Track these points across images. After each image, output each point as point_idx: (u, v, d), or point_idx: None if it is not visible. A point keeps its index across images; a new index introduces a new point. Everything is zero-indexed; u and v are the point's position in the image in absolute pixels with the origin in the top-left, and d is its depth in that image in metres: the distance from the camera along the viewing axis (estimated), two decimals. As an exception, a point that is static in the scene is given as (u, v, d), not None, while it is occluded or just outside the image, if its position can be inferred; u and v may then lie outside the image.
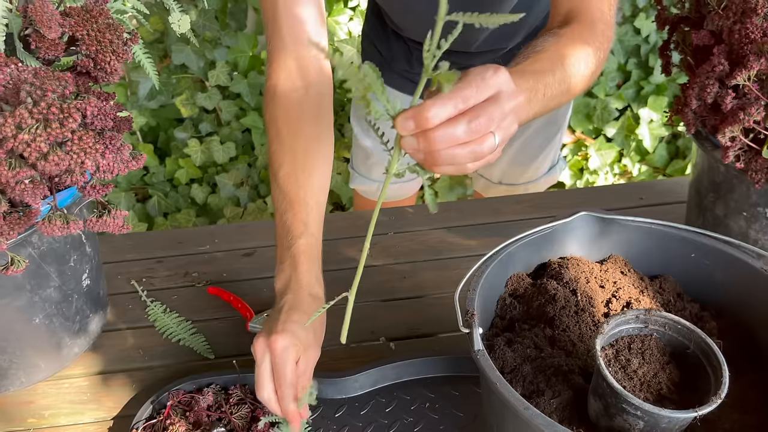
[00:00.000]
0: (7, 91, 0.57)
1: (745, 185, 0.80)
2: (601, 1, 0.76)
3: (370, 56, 1.27)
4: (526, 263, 0.73)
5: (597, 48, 0.72)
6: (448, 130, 0.50)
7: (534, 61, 0.66)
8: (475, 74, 0.51)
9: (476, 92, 0.50)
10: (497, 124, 0.51)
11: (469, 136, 0.49)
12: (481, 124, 0.50)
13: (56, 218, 0.63)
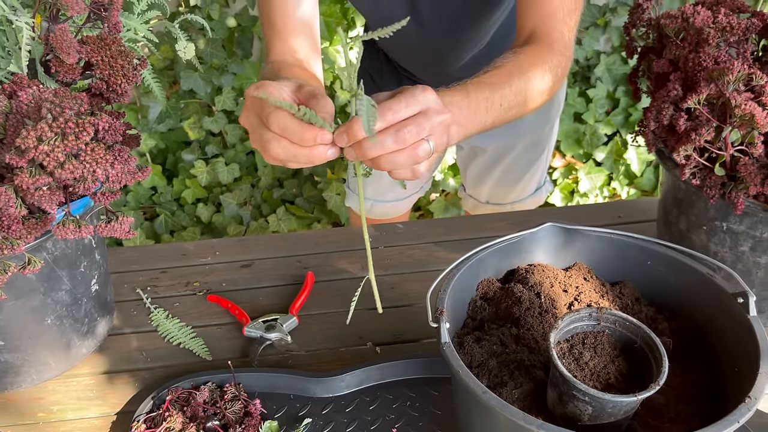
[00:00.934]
0: (30, 109, 0.65)
1: (703, 201, 0.86)
2: (561, 24, 0.84)
3: (365, 82, 1.36)
4: (496, 269, 0.79)
5: (554, 65, 0.80)
6: (378, 140, 0.58)
7: (492, 74, 0.74)
8: (405, 92, 0.60)
9: (405, 107, 0.58)
10: (428, 132, 0.59)
11: (399, 144, 0.57)
12: (411, 132, 0.58)
13: (69, 223, 0.70)
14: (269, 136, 0.62)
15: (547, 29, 0.84)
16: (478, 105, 0.71)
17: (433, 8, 1.04)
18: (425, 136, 0.59)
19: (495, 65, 0.77)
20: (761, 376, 0.59)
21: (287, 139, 0.62)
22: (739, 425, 0.55)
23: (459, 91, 0.72)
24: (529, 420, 0.56)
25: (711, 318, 0.71)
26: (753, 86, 0.77)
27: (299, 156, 0.63)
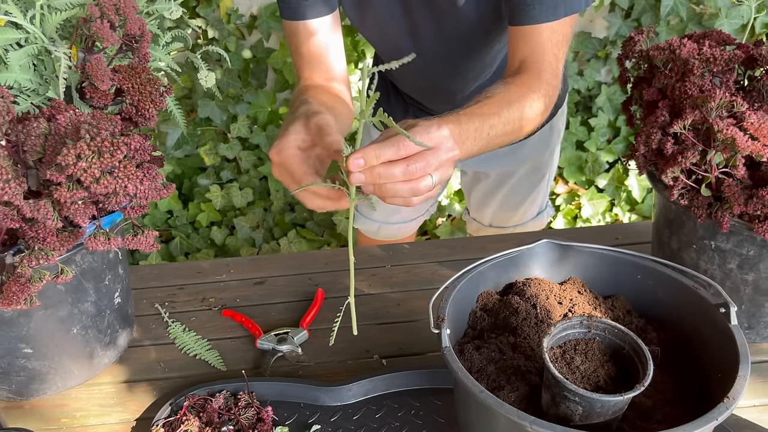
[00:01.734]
0: (68, 130, 0.72)
1: (692, 221, 0.91)
2: (550, 55, 0.91)
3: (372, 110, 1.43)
4: (495, 282, 0.84)
5: (543, 94, 0.86)
6: (389, 169, 0.66)
7: (483, 105, 0.80)
8: (421, 127, 0.67)
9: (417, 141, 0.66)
10: (434, 169, 0.66)
11: (406, 176, 0.65)
12: (419, 168, 0.65)
13: (100, 235, 0.76)
14: (302, 195, 0.76)
15: (536, 59, 0.90)
16: (467, 135, 0.77)
17: (433, 37, 1.11)
18: (431, 172, 0.67)
19: (486, 95, 0.83)
20: (739, 379, 0.64)
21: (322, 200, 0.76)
22: (718, 422, 0.60)
23: (450, 121, 0.77)
24: (522, 416, 0.60)
25: (696, 328, 0.75)
26: (735, 113, 0.83)
27: (329, 206, 0.76)
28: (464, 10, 1.02)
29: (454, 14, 1.04)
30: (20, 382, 0.93)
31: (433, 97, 1.28)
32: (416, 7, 1.07)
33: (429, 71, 1.18)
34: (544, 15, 0.92)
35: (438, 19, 1.08)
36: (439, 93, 1.25)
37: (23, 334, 0.88)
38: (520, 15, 0.93)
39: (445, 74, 1.18)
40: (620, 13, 2.14)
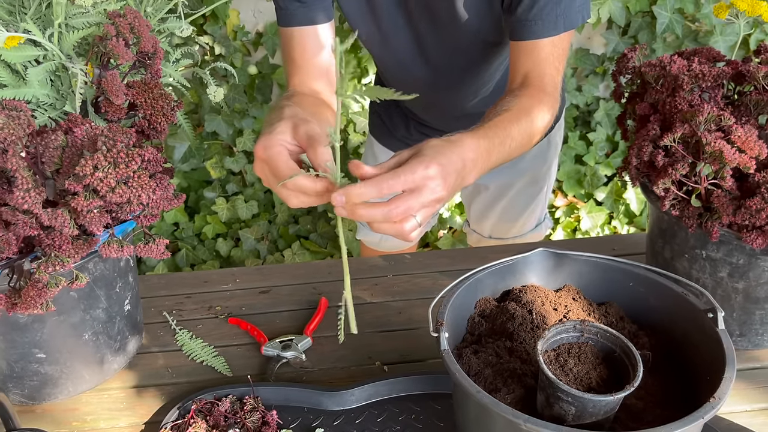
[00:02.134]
0: (85, 142, 0.76)
1: (683, 231, 0.94)
2: (552, 68, 0.95)
3: (376, 125, 1.47)
4: (493, 289, 0.87)
5: (549, 106, 0.91)
6: (369, 211, 0.68)
7: (503, 117, 0.84)
8: (407, 168, 0.68)
9: (401, 184, 0.68)
10: (416, 210, 0.68)
11: (387, 219, 0.67)
12: (399, 212, 0.67)
13: (114, 243, 0.79)
14: (286, 193, 0.73)
15: (539, 73, 0.94)
16: (493, 148, 0.81)
17: (436, 50, 1.15)
18: (413, 213, 0.69)
19: (503, 108, 0.87)
20: (725, 381, 0.67)
21: (306, 197, 0.73)
22: (704, 420, 0.62)
23: (472, 135, 0.80)
24: (517, 415, 0.63)
25: (686, 333, 0.78)
26: (722, 126, 0.86)
27: (314, 202, 0.74)
28: (465, 23, 1.06)
29: (455, 27, 1.08)
30: (33, 386, 0.96)
31: (434, 111, 1.32)
32: (420, 20, 1.11)
33: (431, 84, 1.22)
34: (545, 30, 0.96)
35: (440, 32, 1.11)
36: (440, 107, 1.29)
37: (37, 339, 0.91)
38: (522, 30, 0.97)
39: (447, 88, 1.22)
40: (617, 31, 2.19)
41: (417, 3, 1.08)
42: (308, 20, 1.05)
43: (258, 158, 0.76)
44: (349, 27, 1.30)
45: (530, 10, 0.95)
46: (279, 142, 0.75)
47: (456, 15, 1.05)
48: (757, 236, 0.84)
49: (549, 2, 0.94)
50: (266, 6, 2.21)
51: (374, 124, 1.48)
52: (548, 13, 0.95)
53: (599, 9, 2.07)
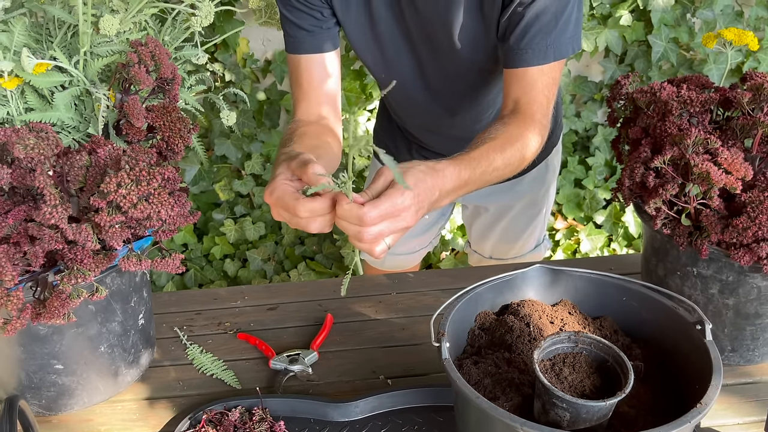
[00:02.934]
0: (108, 162, 0.81)
1: (675, 249, 0.98)
2: (541, 96, 1.01)
3: (379, 145, 1.52)
4: (492, 303, 0.91)
5: (537, 133, 0.96)
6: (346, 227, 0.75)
7: (488, 147, 0.89)
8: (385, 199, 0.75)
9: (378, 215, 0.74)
10: (387, 235, 0.75)
11: (358, 240, 0.74)
12: (371, 236, 0.75)
13: (132, 257, 0.84)
14: (304, 222, 0.79)
15: (529, 100, 0.99)
16: (472, 178, 0.87)
17: (436, 75, 1.20)
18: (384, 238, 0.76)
19: (490, 136, 0.92)
20: (712, 388, 0.70)
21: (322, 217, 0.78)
22: (691, 425, 0.66)
23: (455, 165, 0.86)
24: (514, 419, 0.67)
25: (676, 344, 0.82)
26: (710, 149, 0.91)
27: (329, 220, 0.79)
28: (463, 51, 1.12)
29: (454, 55, 1.13)
30: (50, 396, 1.00)
31: (435, 135, 1.37)
32: (421, 48, 1.17)
33: (433, 109, 1.27)
34: (534, 59, 1.01)
35: (440, 59, 1.17)
36: (442, 132, 1.34)
37: (56, 350, 0.95)
38: (513, 58, 1.03)
39: (448, 112, 1.27)
40: (614, 59, 2.25)
41: (418, 32, 1.14)
42: (315, 48, 1.11)
43: (271, 205, 0.82)
44: (354, 54, 1.36)
45: (521, 39, 1.00)
46: (281, 182, 0.81)
47: (454, 43, 1.10)
48: (745, 254, 0.88)
49: (539, 33, 1.00)
50: (274, 35, 2.29)
51: (379, 146, 1.53)
52: (538, 42, 1.00)
53: (596, 38, 2.14)
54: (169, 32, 1.07)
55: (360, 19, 1.13)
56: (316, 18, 1.09)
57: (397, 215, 0.76)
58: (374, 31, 1.16)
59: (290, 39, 1.13)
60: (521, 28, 1.00)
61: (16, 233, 0.82)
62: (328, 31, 1.11)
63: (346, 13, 1.12)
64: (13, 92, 0.88)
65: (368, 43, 1.17)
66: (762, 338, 1.00)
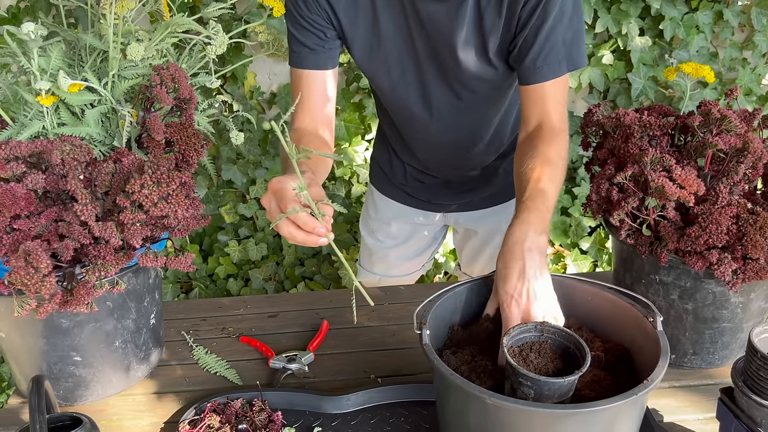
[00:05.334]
0: (132, 169, 0.92)
1: (639, 258, 1.09)
2: (558, 114, 1.13)
3: (376, 175, 1.63)
4: (471, 303, 1.01)
5: (562, 139, 1.09)
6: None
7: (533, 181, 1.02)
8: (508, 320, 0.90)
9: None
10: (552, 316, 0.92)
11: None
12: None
13: (150, 254, 0.94)
14: (282, 221, 0.87)
15: (551, 120, 1.12)
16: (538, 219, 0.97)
17: (441, 96, 1.28)
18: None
19: (528, 167, 1.04)
20: (658, 368, 0.80)
21: (295, 224, 0.88)
22: (637, 397, 0.75)
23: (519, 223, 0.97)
24: (483, 391, 0.76)
25: (633, 337, 0.91)
26: (666, 166, 1.02)
27: (297, 237, 0.88)
28: (465, 68, 1.20)
29: (458, 71, 1.21)
30: (67, 387, 1.09)
31: (434, 159, 1.45)
32: (426, 65, 1.23)
33: (433, 131, 1.35)
34: (551, 73, 1.12)
35: (445, 76, 1.24)
36: (440, 155, 1.42)
37: (75, 343, 1.05)
38: (531, 76, 1.13)
39: (447, 135, 1.34)
40: (598, 95, 2.39)
41: (424, 50, 1.20)
42: (316, 65, 1.21)
43: (270, 190, 0.90)
44: (355, 88, 1.46)
45: (537, 59, 1.11)
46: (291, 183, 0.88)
47: (458, 60, 1.18)
48: (698, 260, 0.99)
49: (552, 51, 1.11)
50: (280, 69, 2.43)
51: (374, 174, 1.64)
52: (552, 59, 1.11)
53: (580, 75, 2.27)
54: (186, 60, 1.19)
55: (367, 38, 1.20)
56: (319, 38, 1.19)
57: (527, 314, 0.89)
58: (381, 50, 1.21)
59: (294, 54, 1.22)
60: (536, 50, 1.11)
61: (47, 232, 0.92)
62: (330, 51, 1.21)
63: (354, 31, 1.19)
64: (49, 109, 1.00)
65: (374, 61, 1.24)
66: (720, 342, 1.09)
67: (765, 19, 2.24)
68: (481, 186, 1.54)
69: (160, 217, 0.88)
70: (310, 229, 0.87)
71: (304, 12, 1.16)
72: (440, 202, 1.60)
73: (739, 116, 1.07)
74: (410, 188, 1.59)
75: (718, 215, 0.96)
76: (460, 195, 1.57)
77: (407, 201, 1.61)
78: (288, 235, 0.88)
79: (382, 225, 1.68)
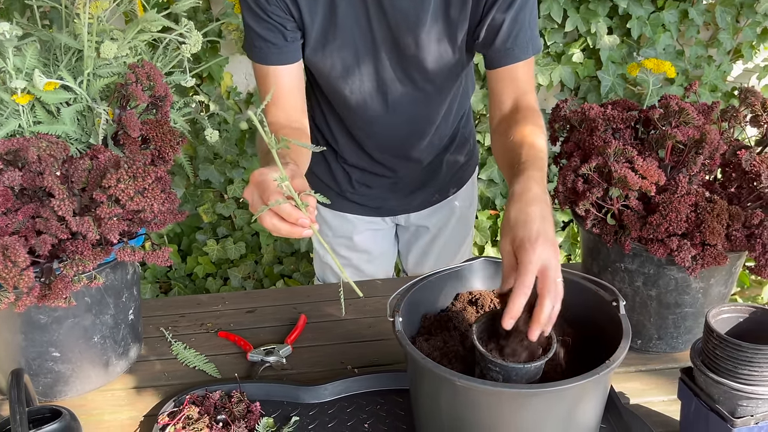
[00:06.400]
0: (108, 164, 0.93)
1: (605, 247, 1.12)
2: (529, 87, 1.16)
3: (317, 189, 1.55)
4: (444, 292, 1.04)
5: (542, 123, 1.11)
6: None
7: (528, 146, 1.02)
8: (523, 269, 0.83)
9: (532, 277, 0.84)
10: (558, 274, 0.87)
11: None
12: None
13: (127, 248, 0.96)
14: (264, 213, 0.86)
15: (527, 99, 1.15)
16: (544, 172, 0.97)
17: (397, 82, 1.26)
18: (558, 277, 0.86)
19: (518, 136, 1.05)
20: (620, 349, 0.83)
21: (278, 216, 0.86)
22: (599, 376, 0.79)
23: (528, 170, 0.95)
24: (453, 374, 0.79)
25: (599, 322, 0.95)
26: (628, 158, 1.06)
27: (281, 229, 0.86)
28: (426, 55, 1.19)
29: (418, 59, 1.20)
30: (47, 383, 1.10)
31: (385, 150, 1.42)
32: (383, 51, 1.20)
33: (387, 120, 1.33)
34: (522, 54, 1.15)
35: (403, 64, 1.22)
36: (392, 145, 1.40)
37: (54, 338, 1.06)
38: (503, 58, 1.15)
39: (401, 125, 1.34)
40: (568, 93, 2.44)
41: (383, 35, 1.18)
42: (281, 61, 1.18)
43: (252, 182, 0.88)
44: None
45: (507, 40, 1.14)
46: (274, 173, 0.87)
47: (420, 46, 1.18)
48: (659, 247, 1.03)
49: (520, 31, 1.13)
50: (257, 70, 2.45)
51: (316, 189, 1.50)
52: (521, 40, 1.14)
53: (551, 73, 2.32)
54: (161, 59, 1.21)
55: (323, 27, 1.15)
56: (281, 33, 1.15)
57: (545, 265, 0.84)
58: (336, 39, 1.16)
59: (256, 49, 1.16)
60: (505, 30, 1.13)
61: (25, 228, 0.94)
62: (293, 44, 1.17)
63: (312, 19, 1.14)
64: (25, 107, 1.01)
65: (328, 51, 1.19)
66: (683, 326, 1.14)
67: (729, 17, 2.31)
68: (428, 182, 1.52)
69: (137, 211, 0.89)
70: (293, 221, 0.85)
71: (263, 4, 1.12)
72: (390, 207, 1.56)
73: (697, 109, 1.12)
74: (358, 196, 1.54)
75: (677, 204, 1.01)
76: (409, 196, 1.54)
77: (359, 211, 1.56)
78: (272, 227, 0.86)
79: (346, 241, 1.61)
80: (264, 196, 0.86)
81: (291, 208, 0.85)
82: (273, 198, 0.84)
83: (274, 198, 0.84)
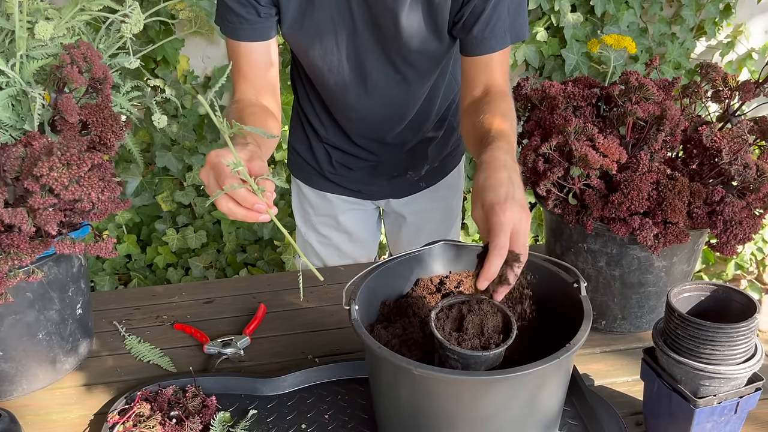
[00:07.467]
0: (42, 151, 0.88)
1: (568, 228, 1.10)
2: (504, 75, 1.14)
3: (298, 164, 1.54)
4: (403, 278, 1.01)
5: (512, 106, 1.08)
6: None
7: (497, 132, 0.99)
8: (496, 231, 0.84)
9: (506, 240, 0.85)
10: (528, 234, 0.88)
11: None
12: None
13: (66, 240, 0.91)
14: (220, 196, 0.82)
15: (498, 84, 1.12)
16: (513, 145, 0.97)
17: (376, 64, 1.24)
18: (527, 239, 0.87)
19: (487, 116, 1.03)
20: (581, 331, 0.81)
21: (234, 200, 0.83)
22: (560, 360, 0.76)
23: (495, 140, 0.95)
24: (410, 362, 0.76)
25: (561, 304, 0.93)
26: (589, 136, 1.03)
27: (237, 213, 0.83)
28: (406, 38, 1.16)
29: (398, 42, 1.18)
30: (-11, 384, 1.05)
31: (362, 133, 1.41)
32: (363, 34, 1.18)
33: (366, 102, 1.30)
34: (498, 44, 1.12)
35: (383, 46, 1.20)
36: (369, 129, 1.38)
37: (-6, 336, 1.00)
38: (478, 47, 1.12)
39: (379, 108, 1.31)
40: (533, 72, 2.42)
41: (362, 18, 1.16)
42: (254, 37, 1.14)
43: (208, 163, 0.85)
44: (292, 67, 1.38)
45: (485, 29, 1.11)
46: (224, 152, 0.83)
47: (400, 30, 1.15)
48: (621, 226, 1.01)
49: (499, 21, 1.11)
50: (214, 52, 2.37)
51: (295, 163, 1.55)
52: (499, 29, 1.11)
53: (515, 53, 2.30)
54: (104, 41, 1.15)
55: (300, 4, 1.13)
56: (254, 7, 1.12)
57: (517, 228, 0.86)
58: (314, 18, 1.15)
59: (228, 24, 1.14)
60: (484, 19, 1.10)
61: (-45, 221, 0.88)
62: (267, 20, 1.14)
63: None
64: (-48, 92, 0.95)
65: (305, 29, 1.17)
66: (647, 305, 1.13)
67: (691, -6, 2.30)
68: (410, 168, 1.50)
69: (73, 201, 0.84)
70: (249, 206, 0.82)
71: None
72: (371, 191, 1.54)
73: (658, 85, 1.10)
74: (338, 177, 1.52)
75: (639, 182, 0.99)
76: (390, 181, 1.52)
77: (338, 191, 1.54)
78: (227, 211, 0.83)
79: (328, 220, 1.59)
80: (219, 180, 0.82)
81: (246, 192, 0.82)
82: (228, 182, 0.81)
83: (229, 182, 0.81)
